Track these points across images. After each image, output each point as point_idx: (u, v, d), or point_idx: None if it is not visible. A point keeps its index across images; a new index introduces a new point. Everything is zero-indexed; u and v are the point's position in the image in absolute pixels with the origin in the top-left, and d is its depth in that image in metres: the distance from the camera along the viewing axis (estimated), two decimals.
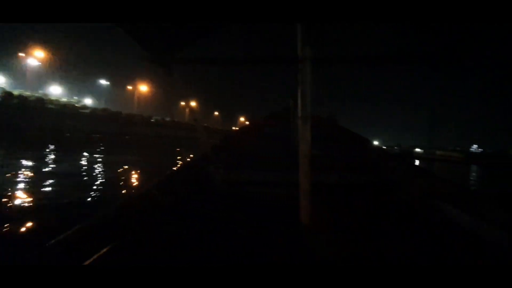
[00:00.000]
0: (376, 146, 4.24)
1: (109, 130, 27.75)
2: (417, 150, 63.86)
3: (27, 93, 30.64)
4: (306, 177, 1.56)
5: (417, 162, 35.00)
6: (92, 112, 32.72)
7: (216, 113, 76.98)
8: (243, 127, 6.03)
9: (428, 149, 59.99)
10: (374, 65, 1.70)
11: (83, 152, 12.98)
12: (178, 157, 15.23)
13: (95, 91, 51.62)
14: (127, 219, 1.50)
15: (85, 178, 7.71)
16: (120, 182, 7.58)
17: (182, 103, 65.56)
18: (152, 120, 43.38)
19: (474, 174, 25.48)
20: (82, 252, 1.13)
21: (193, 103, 2.23)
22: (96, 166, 9.99)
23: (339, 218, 1.89)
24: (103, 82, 53.07)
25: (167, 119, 49.65)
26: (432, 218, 1.88)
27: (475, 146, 57.24)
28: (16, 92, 28.47)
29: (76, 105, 34.41)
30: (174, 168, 2.53)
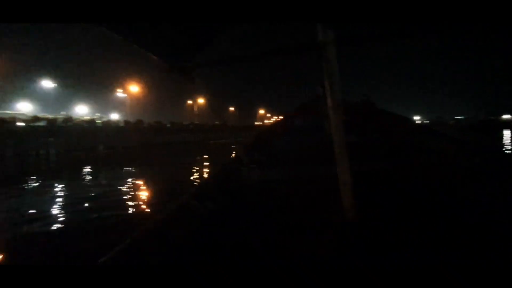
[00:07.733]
0: (418, 125, 4.01)
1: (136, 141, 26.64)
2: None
3: (49, 116, 31.02)
4: (344, 168, 1.46)
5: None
6: (107, 125, 31.63)
7: (232, 108, 71.32)
8: (274, 123, 5.83)
9: None
10: (397, 40, 1.59)
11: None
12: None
13: (117, 105, 51.16)
14: (173, 231, 1.50)
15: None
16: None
17: (189, 102, 62.24)
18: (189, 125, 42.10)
19: None
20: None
21: (201, 100, 2.06)
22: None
23: (385, 210, 1.77)
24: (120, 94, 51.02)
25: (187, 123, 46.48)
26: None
27: None
28: (40, 115, 29.30)
29: (97, 121, 34.08)
30: (208, 175, 2.51)
